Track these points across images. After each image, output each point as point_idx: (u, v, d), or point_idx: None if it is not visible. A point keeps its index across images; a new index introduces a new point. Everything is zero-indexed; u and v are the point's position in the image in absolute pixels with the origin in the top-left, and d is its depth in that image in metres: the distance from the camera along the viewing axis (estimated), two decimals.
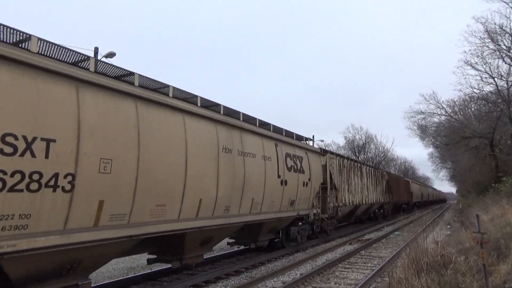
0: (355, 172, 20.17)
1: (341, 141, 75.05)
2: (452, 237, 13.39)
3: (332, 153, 17.83)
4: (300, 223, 13.49)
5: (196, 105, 8.30)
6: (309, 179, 13.32)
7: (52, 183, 4.91)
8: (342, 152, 56.27)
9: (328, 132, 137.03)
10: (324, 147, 30.96)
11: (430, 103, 29.74)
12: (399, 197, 32.83)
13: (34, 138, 4.74)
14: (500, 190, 19.91)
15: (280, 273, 9.66)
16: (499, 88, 24.30)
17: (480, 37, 23.27)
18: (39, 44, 5.30)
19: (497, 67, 23.81)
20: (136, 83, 6.77)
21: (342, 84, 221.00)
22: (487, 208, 16.63)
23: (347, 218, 21.44)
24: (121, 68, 6.71)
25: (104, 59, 17.29)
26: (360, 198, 20.66)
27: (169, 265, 10.49)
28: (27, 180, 4.65)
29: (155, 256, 8.48)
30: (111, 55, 17.47)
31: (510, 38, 22.34)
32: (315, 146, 19.44)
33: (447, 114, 29.94)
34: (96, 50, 17.30)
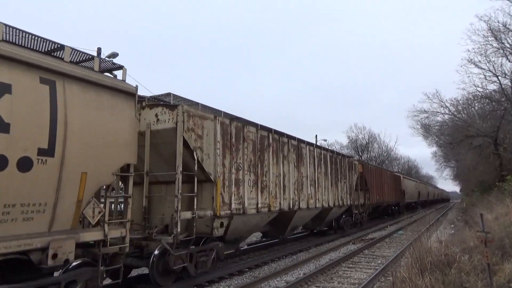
0: (282, 155, 11.68)
1: (344, 141, 74.99)
2: (456, 236, 13.35)
3: (212, 110, 9.96)
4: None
5: None
6: (55, 152, 5.16)
7: None
8: (345, 151, 56.26)
9: (328, 132, 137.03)
10: (327, 147, 30.06)
11: (434, 102, 29.75)
12: (382, 197, 25.09)
13: None
14: (504, 189, 19.78)
15: (283, 272, 9.67)
16: (503, 86, 24.21)
17: (484, 35, 23.21)
18: None
19: (501, 65, 23.77)
20: None
21: (342, 84, 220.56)
22: (491, 207, 16.54)
23: (277, 233, 13.23)
24: None
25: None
26: (295, 200, 12.26)
27: None
28: None
29: None
30: (113, 55, 17.56)
31: None
32: (318, 142, 14.47)
33: (450, 113, 29.87)
34: (99, 51, 17.40)
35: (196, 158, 8.13)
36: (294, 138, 13.10)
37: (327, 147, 32.39)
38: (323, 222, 16.34)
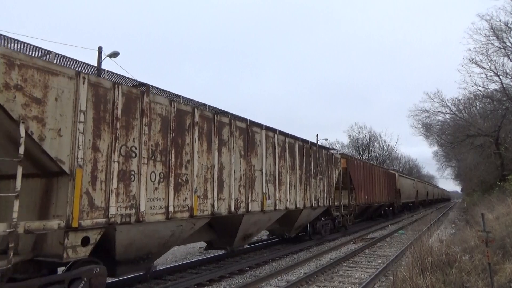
0: (218, 140, 8.73)
1: (345, 140, 74.99)
2: (457, 236, 13.35)
3: (78, 65, 7.07)
4: None
5: None
6: None
7: None
8: (346, 150, 56.25)
9: (330, 131, 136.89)
10: (328, 146, 29.58)
11: (435, 101, 29.79)
12: (371, 197, 22.29)
13: None
14: (505, 188, 19.78)
15: (284, 272, 9.67)
16: (504, 86, 24.20)
17: (485, 34, 23.23)
18: None
19: (502, 64, 23.76)
20: None
21: (345, 84, 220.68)
22: (492, 207, 16.54)
23: (223, 243, 10.19)
24: None
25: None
26: (240, 200, 9.33)
27: (173, 264, 10.56)
28: None
29: None
30: (115, 54, 17.59)
31: None
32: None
33: (451, 112, 29.87)
34: (100, 50, 17.43)
35: (23, 134, 5.01)
36: (243, 119, 10.27)
37: (328, 146, 32.13)
38: (293, 227, 13.40)
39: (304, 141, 13.69)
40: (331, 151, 16.97)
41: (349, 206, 18.35)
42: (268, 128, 11.27)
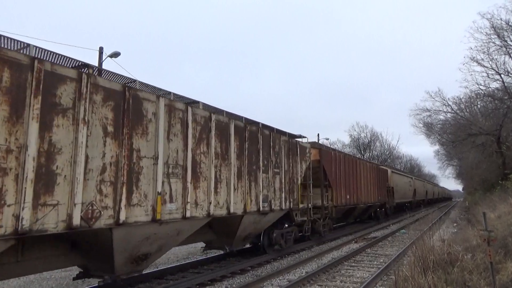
0: (43, 104, 5.02)
1: (347, 140, 75.04)
2: (458, 235, 13.33)
3: None
4: None
5: None
6: None
7: None
8: (347, 150, 56.27)
9: (331, 131, 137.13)
10: (328, 145, 29.28)
11: (436, 101, 29.74)
12: (355, 197, 18.66)
13: None
14: (507, 187, 19.75)
15: (285, 271, 9.68)
16: (505, 84, 24.17)
17: (486, 33, 23.21)
18: None
19: (504, 63, 23.74)
20: None
21: (345, 84, 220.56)
22: (494, 206, 16.53)
23: (100, 270, 6.77)
24: None
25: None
26: (100, 206, 5.64)
27: (174, 264, 10.57)
28: None
29: None
30: (115, 54, 17.62)
31: None
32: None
33: (453, 111, 29.84)
34: (101, 50, 17.46)
35: None
36: (120, 76, 7.30)
37: (329, 145, 31.93)
38: (235, 239, 9.80)
39: (250, 122, 10.36)
40: (295, 139, 12.96)
41: (322, 208, 14.77)
42: (180, 97, 8.28)
